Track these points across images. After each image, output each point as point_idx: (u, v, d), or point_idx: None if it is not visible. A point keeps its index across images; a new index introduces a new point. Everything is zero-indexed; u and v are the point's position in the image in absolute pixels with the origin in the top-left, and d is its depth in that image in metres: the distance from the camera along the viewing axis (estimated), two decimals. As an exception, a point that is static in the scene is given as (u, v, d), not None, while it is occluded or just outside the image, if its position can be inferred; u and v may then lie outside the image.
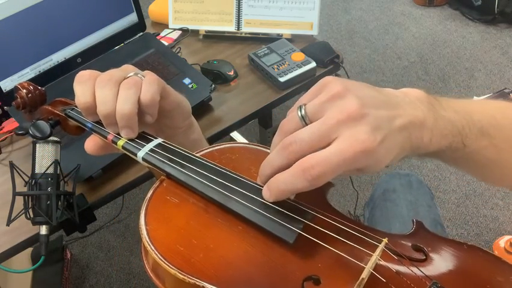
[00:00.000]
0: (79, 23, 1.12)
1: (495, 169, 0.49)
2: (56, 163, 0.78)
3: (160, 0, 1.44)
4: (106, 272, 1.72)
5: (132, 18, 1.22)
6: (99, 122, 0.52)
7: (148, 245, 0.42)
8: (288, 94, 1.21)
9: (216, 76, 1.21)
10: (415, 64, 2.43)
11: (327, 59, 1.25)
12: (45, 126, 0.59)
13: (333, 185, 0.51)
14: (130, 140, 0.50)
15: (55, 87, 1.11)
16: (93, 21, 1.15)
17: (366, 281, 0.40)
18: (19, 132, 0.65)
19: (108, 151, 0.54)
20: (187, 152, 0.50)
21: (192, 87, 1.13)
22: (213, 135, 1.11)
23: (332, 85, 0.39)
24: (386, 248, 0.43)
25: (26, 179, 0.78)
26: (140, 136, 0.51)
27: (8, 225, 0.77)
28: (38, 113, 0.63)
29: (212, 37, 1.37)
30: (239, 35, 1.35)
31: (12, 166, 0.77)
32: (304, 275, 0.41)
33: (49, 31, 1.08)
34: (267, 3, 1.32)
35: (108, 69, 0.51)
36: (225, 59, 1.26)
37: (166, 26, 1.38)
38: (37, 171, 0.77)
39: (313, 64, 1.21)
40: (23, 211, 0.77)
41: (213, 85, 1.13)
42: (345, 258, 0.42)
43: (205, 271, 0.40)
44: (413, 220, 0.48)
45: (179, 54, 1.30)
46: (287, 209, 0.43)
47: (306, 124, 0.39)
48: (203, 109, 1.14)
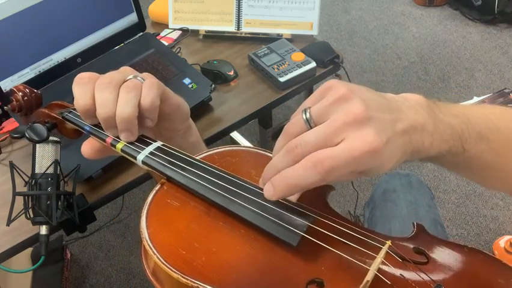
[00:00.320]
0: (79, 23, 1.12)
1: (494, 173, 0.50)
2: (56, 163, 0.78)
3: (160, 0, 1.44)
4: (106, 272, 1.72)
5: (132, 18, 1.22)
6: (97, 125, 0.51)
7: (150, 249, 0.41)
8: (288, 94, 1.21)
9: (216, 76, 1.21)
10: (415, 64, 2.43)
11: (327, 59, 1.25)
12: (42, 129, 0.59)
13: (333, 189, 0.51)
14: (129, 143, 0.50)
15: (55, 87, 1.11)
16: (93, 21, 1.15)
17: (370, 284, 0.39)
18: (15, 135, 0.64)
19: (105, 154, 0.53)
20: (187, 155, 0.49)
21: (192, 87, 1.13)
22: (213, 135, 1.11)
23: (337, 88, 0.39)
24: (390, 251, 0.43)
25: (26, 179, 0.78)
26: (139, 139, 0.50)
27: (8, 225, 0.77)
28: (34, 116, 0.62)
29: (212, 37, 1.37)
30: (239, 35, 1.35)
31: (12, 166, 0.77)
32: (307, 278, 0.40)
33: (49, 31, 1.08)
34: (267, 3, 1.32)
35: (108, 69, 0.51)
36: (225, 59, 1.26)
37: (166, 26, 1.38)
38: (37, 171, 0.77)
39: (313, 64, 1.21)
40: (23, 211, 0.77)
41: (213, 85, 1.13)
42: (348, 260, 0.42)
43: (207, 275, 0.39)
44: (414, 223, 0.48)
45: (179, 54, 1.30)
46: (289, 212, 0.43)
47: (311, 127, 0.39)
48: (203, 109, 1.14)
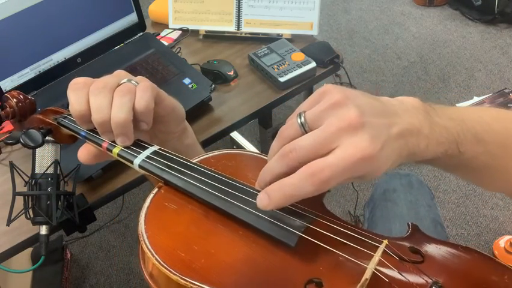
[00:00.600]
0: (79, 23, 1.12)
1: (491, 175, 0.50)
2: (56, 163, 0.78)
3: (160, 0, 1.44)
4: (106, 272, 1.72)
5: (132, 18, 1.22)
6: (93, 130, 0.51)
7: (148, 251, 0.41)
8: (288, 94, 1.21)
9: (216, 76, 1.21)
10: (415, 64, 2.43)
11: (327, 59, 1.25)
12: (36, 134, 0.58)
13: (329, 191, 0.51)
14: (126, 148, 0.50)
15: (55, 87, 1.11)
16: (93, 21, 1.15)
17: (368, 282, 0.40)
18: (9, 141, 0.63)
19: (102, 159, 0.53)
20: (184, 159, 0.49)
21: (192, 87, 1.13)
22: (213, 135, 1.11)
23: (332, 93, 0.39)
24: (387, 249, 0.43)
25: (26, 179, 0.78)
26: (135, 144, 0.50)
27: (8, 225, 0.77)
28: (29, 122, 0.62)
29: (212, 37, 1.37)
30: (239, 35, 1.35)
31: (12, 166, 0.77)
32: (306, 278, 0.40)
33: (49, 31, 1.08)
34: (267, 3, 1.32)
35: (108, 69, 0.51)
36: (225, 59, 1.27)
37: (166, 26, 1.38)
38: (37, 171, 0.77)
39: (313, 64, 1.21)
40: (23, 211, 0.77)
41: (213, 85, 1.13)
42: (346, 259, 0.42)
43: (207, 276, 0.39)
44: (409, 223, 0.49)
45: (179, 54, 1.30)
46: (287, 213, 0.43)
47: (306, 131, 0.39)
48: (203, 109, 1.14)
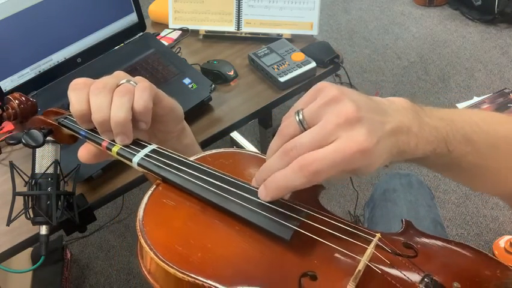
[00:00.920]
0: (79, 23, 1.12)
1: (480, 176, 0.51)
2: (56, 163, 0.78)
3: (160, 0, 1.44)
4: (106, 272, 1.72)
5: (132, 18, 1.22)
6: (93, 130, 0.52)
7: (146, 245, 0.42)
8: (288, 94, 1.21)
9: (216, 76, 1.21)
10: (415, 64, 2.43)
11: (327, 59, 1.25)
12: (38, 134, 0.59)
13: (324, 188, 0.52)
14: (125, 146, 0.51)
15: (55, 87, 1.11)
16: (93, 21, 1.15)
17: (362, 274, 0.41)
18: (11, 141, 0.64)
19: (102, 159, 0.54)
20: (182, 157, 0.50)
21: (192, 87, 1.13)
22: (213, 135, 1.11)
23: (328, 90, 0.41)
24: (380, 242, 0.44)
25: (26, 179, 0.78)
26: (134, 142, 0.51)
27: (8, 225, 0.77)
28: (30, 123, 0.63)
29: (212, 37, 1.37)
30: (239, 35, 1.35)
31: (12, 166, 0.77)
32: (301, 271, 0.41)
33: (49, 31, 1.08)
34: (267, 3, 1.32)
35: (108, 69, 0.51)
36: (225, 59, 1.27)
37: (166, 26, 1.38)
38: (37, 171, 0.77)
39: (313, 64, 1.21)
40: (23, 211, 0.77)
41: (213, 85, 1.13)
42: (340, 252, 0.43)
43: (203, 269, 0.40)
44: (402, 220, 0.50)
45: (179, 54, 1.30)
46: (283, 208, 0.44)
47: (305, 128, 0.41)
48: (203, 109, 1.14)
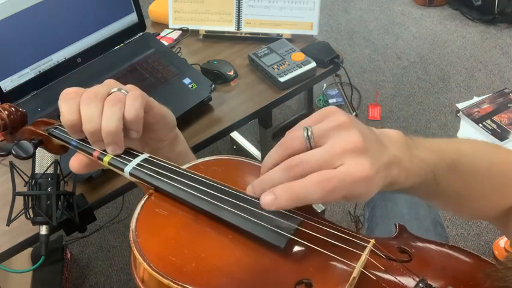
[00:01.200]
0: (79, 23, 1.12)
1: (464, 201, 0.54)
2: (56, 163, 0.78)
3: (160, 0, 1.44)
4: (106, 272, 1.72)
5: (132, 18, 1.22)
6: (84, 140, 0.52)
7: (140, 256, 0.42)
8: (288, 94, 1.21)
9: (216, 76, 1.21)
10: (415, 64, 2.43)
11: (327, 59, 1.25)
12: (28, 145, 0.59)
13: None
14: (116, 156, 0.51)
15: (55, 87, 1.11)
16: (93, 21, 1.15)
17: (357, 281, 0.41)
18: (0, 153, 0.63)
19: (93, 168, 0.54)
20: (174, 166, 0.50)
21: (192, 87, 1.13)
22: (213, 135, 1.11)
23: (338, 115, 0.42)
24: (374, 249, 0.44)
25: (26, 179, 0.78)
26: (126, 152, 0.51)
27: (8, 225, 0.78)
28: (19, 134, 0.62)
29: (212, 37, 1.37)
30: (239, 35, 1.35)
31: (12, 166, 0.77)
32: (296, 279, 0.41)
33: (49, 31, 1.08)
34: (267, 3, 1.32)
35: (108, 69, 0.51)
36: (225, 59, 1.27)
37: (166, 26, 1.38)
38: (37, 171, 0.77)
39: (313, 64, 1.21)
40: (23, 211, 0.77)
41: (213, 85, 1.13)
42: (335, 259, 0.43)
43: (198, 280, 0.40)
44: (396, 224, 0.51)
45: (179, 54, 1.30)
46: (276, 215, 0.44)
47: (311, 145, 0.41)
48: (203, 109, 1.14)
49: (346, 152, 0.40)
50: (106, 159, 0.51)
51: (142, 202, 0.48)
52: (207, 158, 0.54)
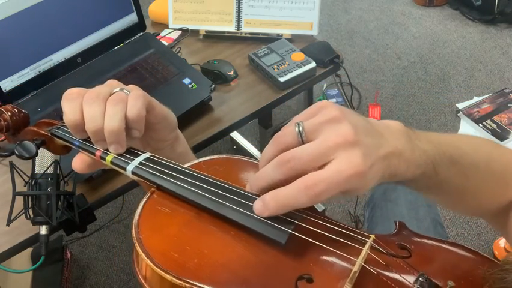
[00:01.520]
0: (79, 23, 1.12)
1: (463, 196, 0.54)
2: (56, 163, 0.78)
3: (160, 0, 1.44)
4: (106, 272, 1.72)
5: (132, 18, 1.22)
6: (86, 139, 0.52)
7: (143, 253, 0.42)
8: (288, 94, 1.21)
9: (216, 76, 1.21)
10: (415, 64, 2.44)
11: (327, 59, 1.25)
12: (31, 145, 0.59)
13: None
14: (119, 155, 0.51)
15: (55, 87, 1.11)
16: (93, 21, 1.15)
17: (357, 275, 0.41)
18: (3, 153, 0.64)
19: (96, 168, 0.54)
20: (176, 164, 0.51)
21: (192, 87, 1.13)
22: (213, 135, 1.11)
23: (330, 109, 0.42)
24: (374, 244, 0.45)
25: (26, 179, 0.78)
26: (128, 151, 0.52)
27: (8, 225, 0.78)
28: (22, 135, 0.63)
29: (212, 37, 1.37)
30: (239, 35, 1.35)
31: (12, 166, 0.77)
32: (297, 275, 0.41)
33: (49, 31, 1.08)
34: (267, 3, 1.32)
35: (108, 69, 0.51)
36: (225, 59, 1.27)
37: (166, 26, 1.38)
38: (37, 171, 0.77)
39: (313, 64, 1.21)
40: (23, 211, 0.77)
41: (213, 85, 1.13)
42: (336, 254, 0.43)
43: (200, 275, 0.40)
44: (396, 221, 0.51)
45: (179, 54, 1.30)
46: None
47: (303, 140, 0.41)
48: (203, 109, 1.14)
49: (337, 146, 0.39)
50: (109, 158, 0.51)
51: (145, 200, 0.48)
52: (208, 157, 0.54)
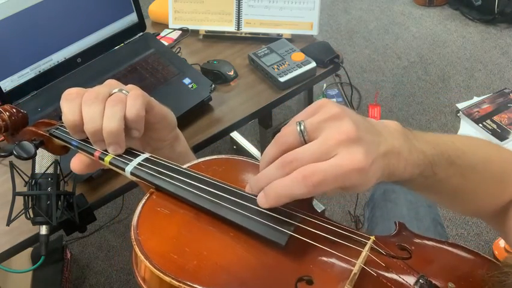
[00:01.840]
0: (79, 23, 1.12)
1: (461, 196, 0.54)
2: (56, 163, 0.78)
3: (160, 0, 1.44)
4: (106, 272, 1.72)
5: (132, 18, 1.22)
6: (85, 140, 0.52)
7: (142, 254, 0.42)
8: (288, 94, 1.21)
9: (216, 76, 1.21)
10: (415, 64, 2.43)
11: (327, 59, 1.25)
12: (29, 146, 0.59)
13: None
14: (118, 156, 0.51)
15: (55, 87, 1.11)
16: (93, 21, 1.15)
17: (357, 277, 0.41)
18: (2, 154, 0.64)
19: (94, 168, 0.54)
20: (175, 165, 0.50)
21: (192, 87, 1.13)
22: (213, 135, 1.11)
23: (330, 107, 0.42)
24: (374, 245, 0.44)
25: (26, 179, 0.78)
26: (127, 152, 0.51)
27: (8, 225, 0.78)
28: (20, 135, 0.63)
29: (212, 37, 1.37)
30: (239, 35, 1.35)
31: (12, 166, 0.77)
32: (297, 276, 0.41)
33: (49, 31, 1.08)
34: (267, 3, 1.32)
35: (108, 69, 0.51)
36: (225, 59, 1.27)
37: (166, 26, 1.38)
38: (37, 171, 0.77)
39: (313, 64, 1.21)
40: (23, 211, 0.77)
41: (213, 85, 1.13)
42: (335, 256, 0.43)
43: (199, 277, 0.40)
44: (395, 222, 0.51)
45: (179, 54, 1.30)
46: (277, 213, 0.44)
47: (304, 139, 0.41)
48: (203, 109, 1.14)
49: (340, 143, 0.39)
50: (107, 159, 0.51)
51: (143, 201, 0.48)
52: (208, 158, 0.54)
